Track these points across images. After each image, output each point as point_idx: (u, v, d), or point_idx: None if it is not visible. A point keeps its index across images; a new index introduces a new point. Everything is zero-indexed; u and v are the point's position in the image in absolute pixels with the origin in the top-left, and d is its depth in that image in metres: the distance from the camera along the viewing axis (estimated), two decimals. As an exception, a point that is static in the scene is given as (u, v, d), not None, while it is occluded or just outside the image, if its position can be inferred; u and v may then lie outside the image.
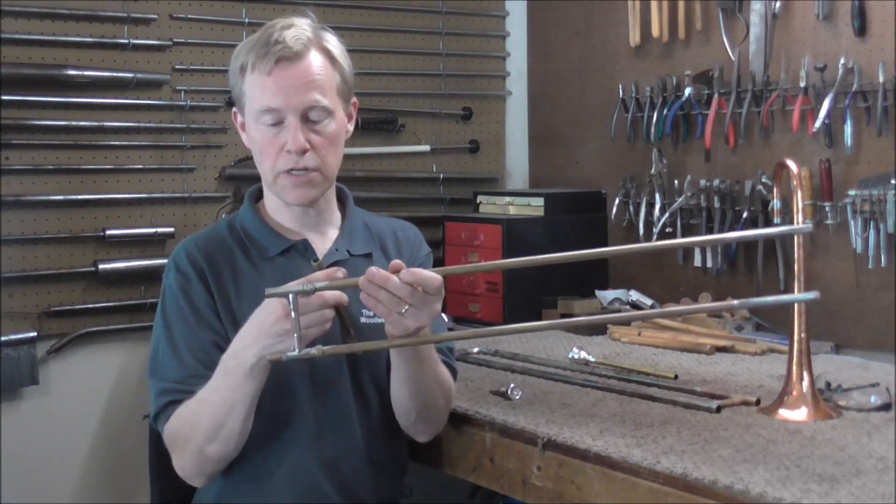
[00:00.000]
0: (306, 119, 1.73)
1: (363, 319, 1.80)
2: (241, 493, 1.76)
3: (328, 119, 1.75)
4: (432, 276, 1.53)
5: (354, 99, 1.86)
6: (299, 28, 1.74)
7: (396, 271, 1.53)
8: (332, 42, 1.79)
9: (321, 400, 1.77)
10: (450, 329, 1.88)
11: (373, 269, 1.53)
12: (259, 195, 1.89)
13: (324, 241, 1.85)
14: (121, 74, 2.72)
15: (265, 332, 1.57)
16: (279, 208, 1.83)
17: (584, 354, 2.24)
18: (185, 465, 1.71)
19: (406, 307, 1.53)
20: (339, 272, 1.55)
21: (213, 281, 1.76)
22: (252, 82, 1.73)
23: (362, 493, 1.81)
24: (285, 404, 1.75)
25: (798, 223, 1.83)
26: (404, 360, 1.69)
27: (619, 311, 2.73)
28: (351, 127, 1.85)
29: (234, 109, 1.83)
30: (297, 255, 1.81)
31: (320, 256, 1.80)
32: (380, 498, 1.84)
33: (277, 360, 1.56)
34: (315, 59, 1.74)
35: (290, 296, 1.53)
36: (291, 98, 1.71)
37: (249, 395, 1.62)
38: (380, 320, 1.74)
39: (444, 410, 1.84)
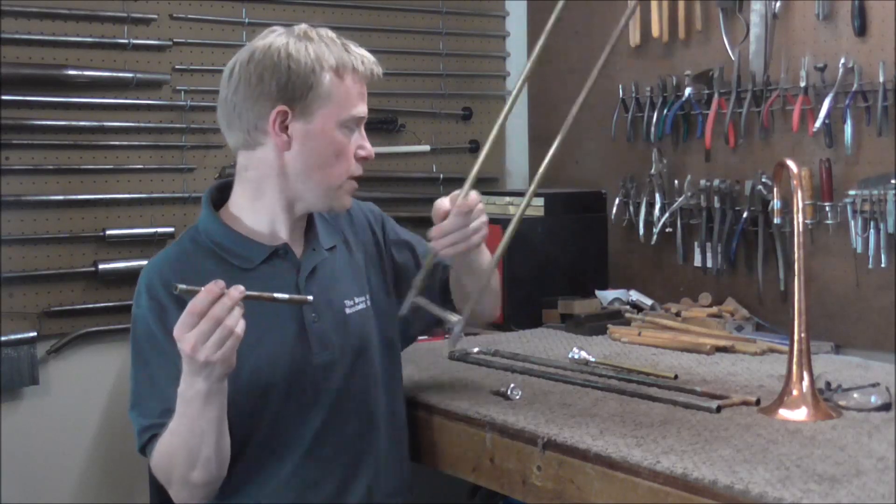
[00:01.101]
0: None
1: (348, 311, 1.81)
2: (241, 494, 1.75)
3: None
4: (472, 196, 1.74)
5: None
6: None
7: (446, 214, 1.73)
8: None
9: (321, 401, 1.77)
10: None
11: (433, 230, 1.73)
12: (218, 201, 1.82)
13: (298, 241, 1.82)
14: (121, 74, 2.72)
15: (192, 362, 1.50)
16: (273, 212, 1.76)
17: (584, 354, 2.24)
18: (177, 495, 1.69)
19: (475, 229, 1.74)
20: (216, 286, 1.47)
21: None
22: (346, 87, 1.72)
23: (362, 493, 1.81)
24: (287, 406, 1.74)
25: (798, 222, 1.83)
26: (466, 267, 1.86)
27: (619, 311, 2.74)
28: None
29: (281, 108, 1.69)
30: (280, 260, 1.77)
31: (299, 257, 1.79)
32: (380, 497, 1.84)
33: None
34: None
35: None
36: (365, 109, 1.79)
37: (214, 419, 1.57)
38: (362, 306, 1.83)
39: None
